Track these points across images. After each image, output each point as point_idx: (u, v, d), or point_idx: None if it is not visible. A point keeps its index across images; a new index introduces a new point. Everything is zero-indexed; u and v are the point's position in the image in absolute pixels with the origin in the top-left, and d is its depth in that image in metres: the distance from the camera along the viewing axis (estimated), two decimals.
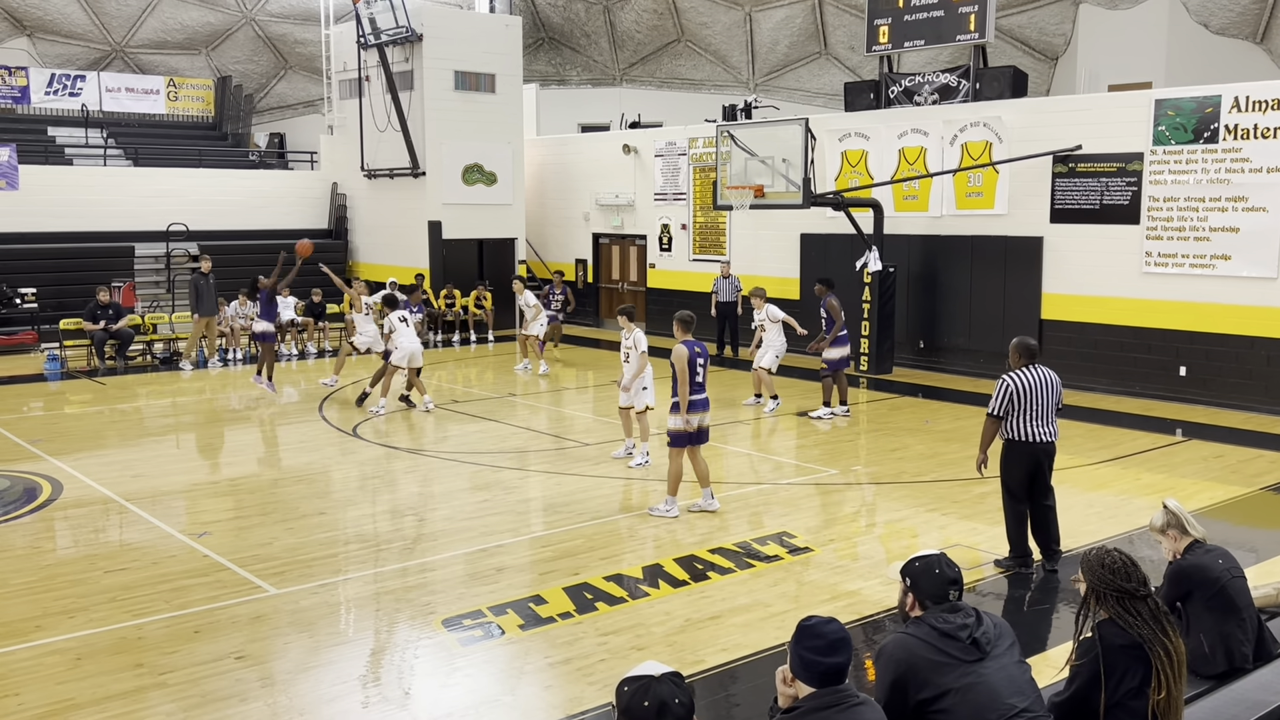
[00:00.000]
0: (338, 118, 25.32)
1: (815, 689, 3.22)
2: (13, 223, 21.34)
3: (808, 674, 3.23)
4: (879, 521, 9.80)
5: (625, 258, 24.26)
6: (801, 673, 3.25)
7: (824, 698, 3.20)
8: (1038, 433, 7.81)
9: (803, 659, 3.24)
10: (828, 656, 3.21)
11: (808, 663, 3.23)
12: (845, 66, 27.22)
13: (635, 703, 2.75)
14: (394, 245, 23.84)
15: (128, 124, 26.75)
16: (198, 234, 22.82)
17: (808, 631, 3.27)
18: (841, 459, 11.99)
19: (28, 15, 27.11)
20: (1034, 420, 7.78)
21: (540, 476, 11.18)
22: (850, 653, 3.27)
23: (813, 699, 3.21)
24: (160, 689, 6.10)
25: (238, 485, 10.92)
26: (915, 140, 18.23)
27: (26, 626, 7.01)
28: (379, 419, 14.28)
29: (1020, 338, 8.16)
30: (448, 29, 22.87)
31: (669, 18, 29.05)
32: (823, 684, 3.21)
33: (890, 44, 18.83)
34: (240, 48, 29.69)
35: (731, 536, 9.00)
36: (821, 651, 3.22)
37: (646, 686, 2.78)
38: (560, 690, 6.15)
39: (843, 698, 3.20)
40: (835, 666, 3.21)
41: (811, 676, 3.22)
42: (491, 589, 7.76)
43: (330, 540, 9.06)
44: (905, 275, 18.05)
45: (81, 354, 18.52)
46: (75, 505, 10.04)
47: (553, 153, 25.70)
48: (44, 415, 14.77)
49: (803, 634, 3.28)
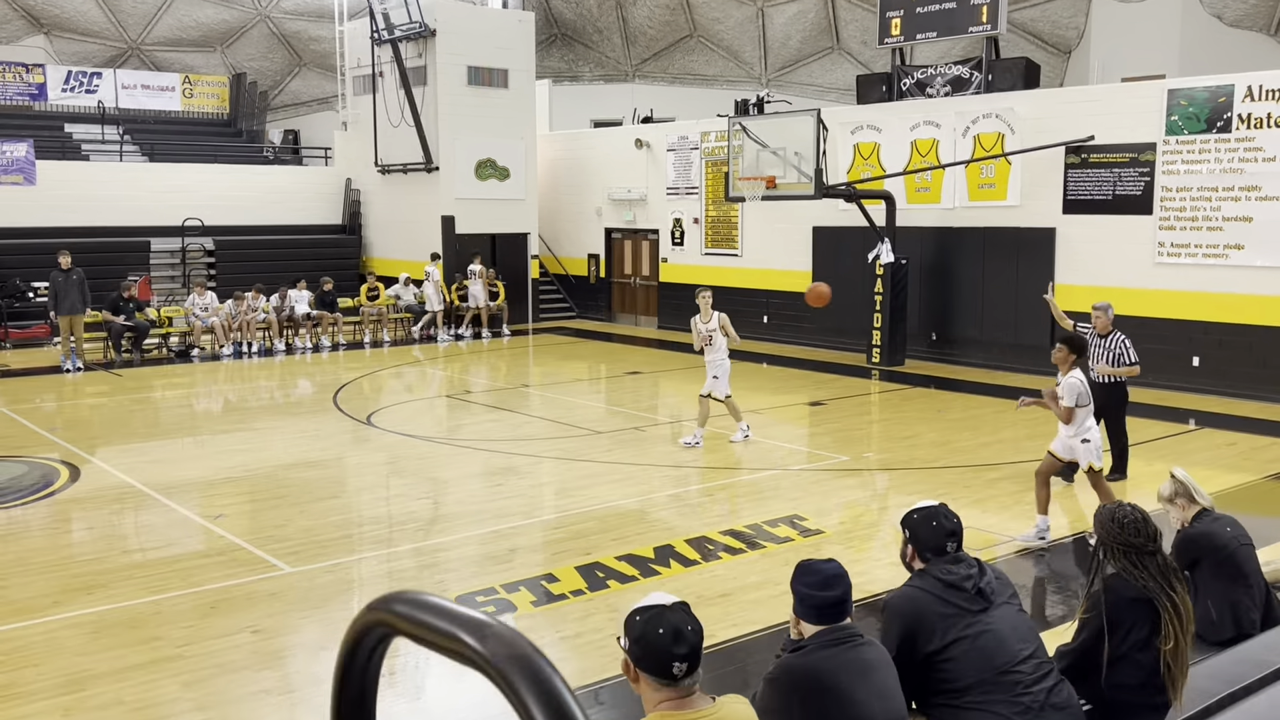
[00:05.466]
0: (351, 114, 25.44)
1: (818, 626, 3.27)
2: (30, 217, 21.51)
3: (805, 609, 3.30)
4: (890, 505, 9.83)
5: (638, 252, 24.31)
6: (800, 609, 3.31)
7: (828, 635, 3.25)
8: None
9: (800, 594, 3.31)
10: (823, 590, 3.27)
11: (804, 597, 3.30)
12: (858, 61, 27.21)
13: (649, 630, 2.78)
14: (407, 240, 23.94)
15: (144, 120, 26.92)
16: (213, 229, 22.97)
17: (805, 569, 3.34)
18: (853, 446, 12.01)
19: (45, 13, 27.31)
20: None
21: (553, 463, 11.24)
22: (848, 589, 3.32)
23: (817, 637, 3.26)
24: (177, 660, 6.17)
25: (253, 471, 11.00)
26: (927, 132, 18.22)
27: (45, 602, 7.10)
28: (397, 409, 14.37)
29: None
30: (461, 24, 22.96)
31: (681, 13, 29.09)
32: (821, 619, 3.27)
33: (902, 36, 18.83)
34: (255, 45, 29.84)
35: (743, 519, 9.04)
36: (817, 586, 3.28)
37: (660, 614, 2.81)
38: (572, 662, 6.20)
39: (848, 635, 3.25)
40: (830, 600, 3.27)
41: (808, 611, 3.29)
42: (504, 568, 7.82)
43: (344, 523, 9.13)
44: (917, 267, 18.04)
45: (98, 347, 18.67)
46: (93, 490, 10.14)
47: (565, 148, 25.76)
48: (61, 406, 14.89)
49: (800, 572, 3.35)
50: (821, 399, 14.79)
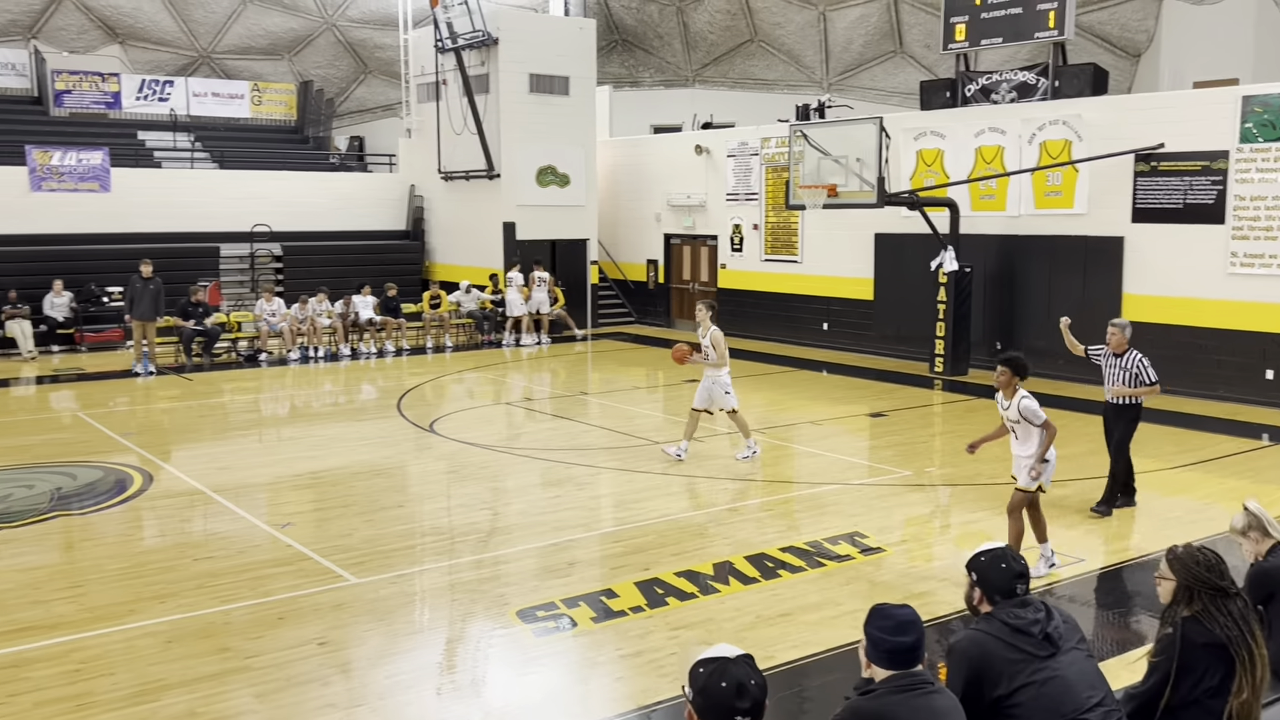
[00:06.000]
0: (415, 121, 25.76)
1: (889, 671, 3.26)
2: (104, 223, 22.09)
3: (877, 653, 3.28)
4: (953, 523, 9.73)
5: (696, 258, 24.31)
6: (872, 653, 3.30)
7: (899, 680, 3.24)
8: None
9: (872, 638, 3.30)
10: (895, 636, 3.26)
11: (876, 641, 3.28)
12: (921, 65, 26.95)
13: (713, 683, 2.80)
14: (469, 246, 24.19)
15: (213, 128, 27.50)
16: (280, 235, 23.39)
17: (878, 612, 3.33)
18: (915, 460, 11.90)
19: (120, 23, 28.02)
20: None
21: (611, 473, 11.28)
22: (920, 635, 3.30)
23: (888, 682, 3.26)
24: (245, 672, 6.31)
25: (319, 478, 11.20)
26: (992, 139, 18.00)
27: (121, 610, 7.30)
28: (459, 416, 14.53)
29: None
30: (523, 32, 23.15)
31: (742, 18, 29.04)
32: (892, 664, 3.25)
33: (967, 42, 18.63)
34: (321, 53, 30.34)
35: (803, 536, 9.01)
36: (890, 631, 3.27)
37: (723, 667, 2.83)
38: (631, 682, 6.24)
39: (918, 682, 3.24)
40: (902, 646, 3.25)
41: (880, 656, 3.27)
42: (564, 582, 7.88)
43: (408, 532, 9.27)
44: (981, 275, 17.83)
45: (170, 351, 19.11)
46: (165, 496, 10.39)
47: (625, 154, 25.85)
48: (134, 410, 15.27)
49: (874, 615, 3.34)
50: (883, 410, 14.68)
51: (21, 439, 12.91)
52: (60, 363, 19.16)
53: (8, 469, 11.36)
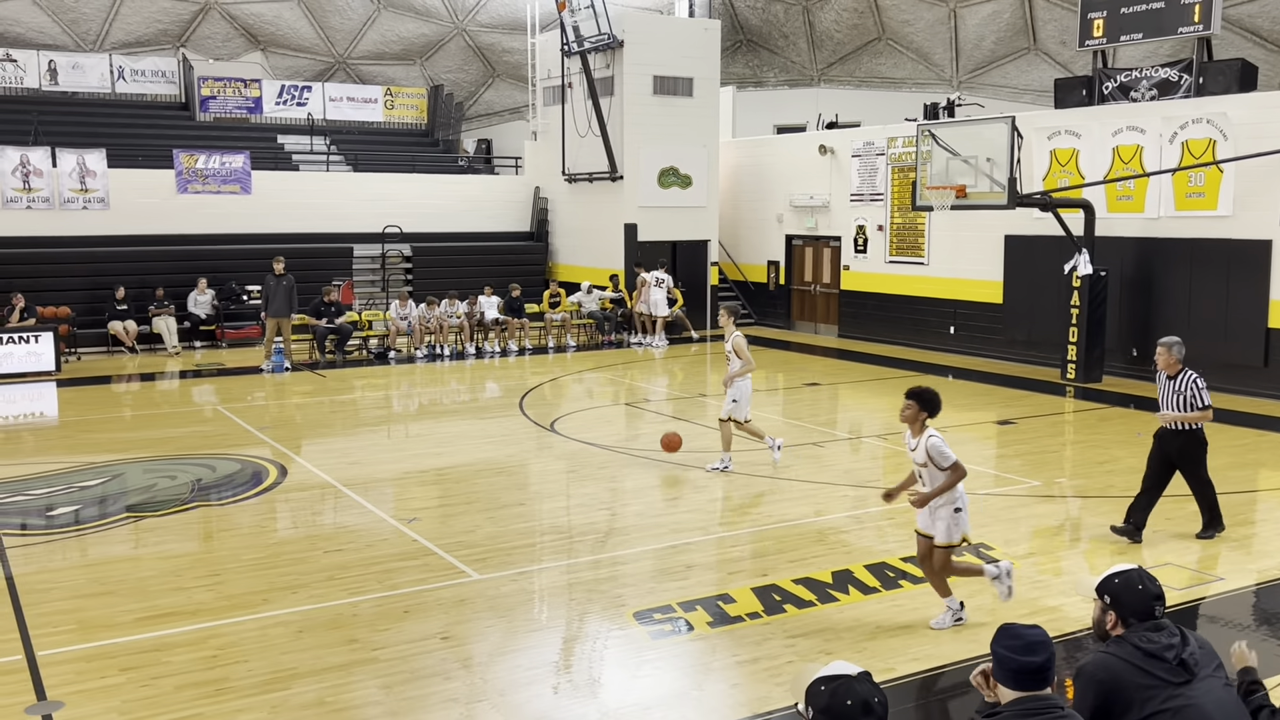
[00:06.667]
0: (541, 124, 26.14)
1: (1016, 693, 3.16)
2: (245, 224, 23.05)
3: (1004, 673, 3.18)
4: (1083, 537, 9.40)
5: (819, 259, 24.05)
6: (999, 672, 3.20)
7: (1027, 703, 3.14)
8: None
9: (999, 657, 3.20)
10: (1024, 655, 3.15)
11: (1003, 660, 3.18)
12: (1055, 62, 26.11)
13: (837, 701, 2.76)
14: (591, 247, 24.43)
15: (348, 131, 28.41)
16: (410, 235, 24.02)
17: (1007, 631, 3.23)
18: (1044, 470, 11.55)
19: (262, 31, 29.18)
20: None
21: (728, 477, 11.24)
22: (1050, 656, 3.18)
23: (1015, 704, 3.16)
24: (372, 664, 6.50)
25: (444, 474, 11.47)
26: (1131, 138, 17.31)
27: (255, 599, 7.60)
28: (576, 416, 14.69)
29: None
30: (648, 34, 23.27)
31: (870, 16, 28.60)
32: (1019, 686, 3.15)
33: (1105, 38, 17.97)
34: (452, 57, 31.05)
35: None
36: (1019, 650, 3.16)
37: (848, 685, 2.79)
38: (747, 689, 6.21)
39: (1046, 706, 3.13)
40: (1031, 666, 3.14)
41: (1007, 676, 3.17)
42: (681, 585, 7.88)
43: (528, 530, 9.41)
44: (1117, 279, 17.18)
45: (303, 348, 19.81)
46: (298, 489, 10.78)
47: (747, 154, 25.74)
48: (269, 405, 15.88)
49: (1002, 634, 3.24)
50: (1011, 417, 14.28)
51: (166, 431, 13.57)
52: (202, 358, 20.06)
53: (154, 460, 11.95)
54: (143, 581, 7.96)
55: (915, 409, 6.89)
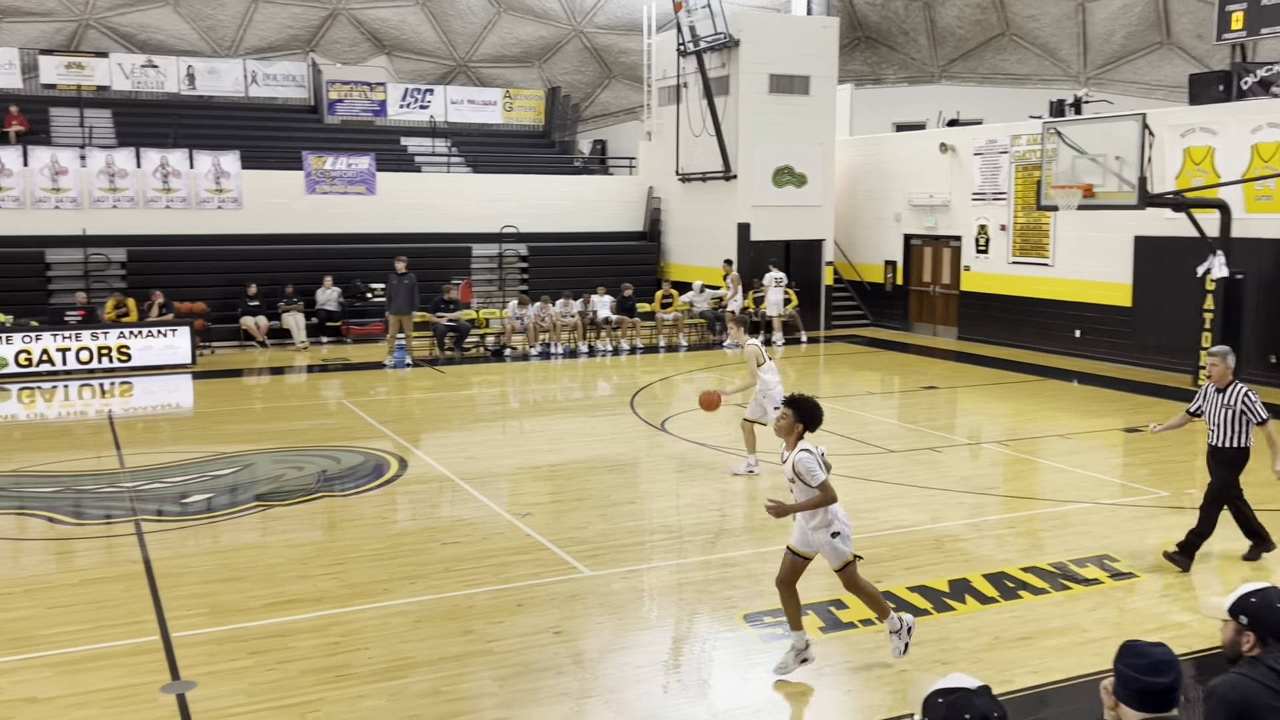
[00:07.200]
0: (656, 124, 26.24)
1: (1140, 714, 3.05)
2: (369, 224, 23.73)
3: (1127, 693, 3.07)
4: (1214, 553, 9.00)
5: (938, 259, 23.58)
6: (1121, 692, 3.09)
7: None
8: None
9: (1122, 676, 3.09)
10: (1148, 675, 3.03)
11: (1126, 680, 3.07)
12: (1190, 57, 25.06)
13: (955, 715, 2.72)
14: (703, 247, 24.42)
15: (468, 133, 28.97)
16: (526, 235, 24.39)
17: (1130, 649, 3.11)
18: (1174, 480, 11.11)
19: (387, 35, 29.98)
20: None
21: (842, 481, 11.09)
22: (1177, 677, 3.06)
23: None
24: (486, 655, 6.63)
25: (557, 471, 11.62)
26: (1272, 135, 16.52)
27: (376, 589, 7.83)
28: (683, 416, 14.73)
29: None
30: (764, 33, 23.15)
31: (993, 11, 27.89)
32: (1143, 706, 3.04)
33: (1245, 31, 17.20)
34: (569, 59, 31.40)
35: (1047, 556, 8.59)
36: (1142, 670, 3.04)
37: (966, 699, 2.74)
38: (860, 696, 6.14)
39: None
40: (1155, 687, 3.02)
41: (1130, 696, 3.06)
42: None
43: (638, 529, 9.47)
44: (1255, 282, 16.41)
45: (424, 344, 20.30)
46: (417, 481, 11.06)
47: (865, 153, 25.39)
48: (391, 399, 16.32)
49: (1126, 651, 3.12)
50: (1139, 425, 13.77)
51: (293, 423, 14.06)
52: (328, 353, 20.72)
53: (282, 451, 12.40)
54: (270, 568, 8.27)
55: (791, 419, 6.32)
